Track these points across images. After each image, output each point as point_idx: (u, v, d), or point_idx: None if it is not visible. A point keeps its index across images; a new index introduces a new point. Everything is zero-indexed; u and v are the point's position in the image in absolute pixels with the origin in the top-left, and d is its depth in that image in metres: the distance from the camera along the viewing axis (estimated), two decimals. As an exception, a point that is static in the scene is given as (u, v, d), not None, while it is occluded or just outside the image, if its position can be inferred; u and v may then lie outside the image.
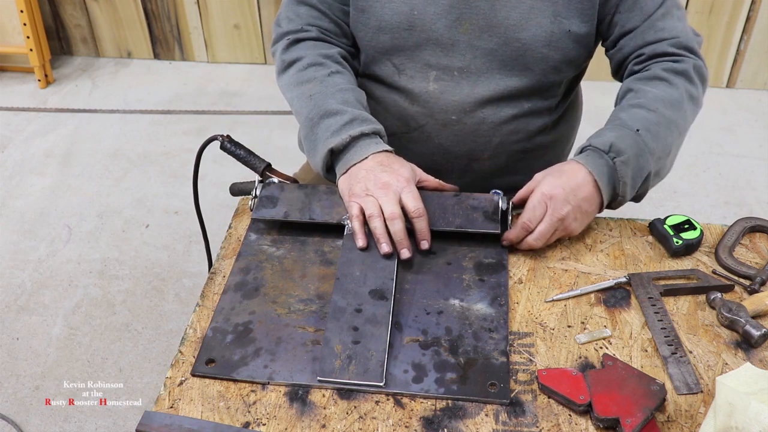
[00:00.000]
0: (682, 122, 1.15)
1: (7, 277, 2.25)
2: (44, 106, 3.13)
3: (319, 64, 1.21)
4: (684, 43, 1.19)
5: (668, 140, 1.12)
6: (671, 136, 1.12)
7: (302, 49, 1.24)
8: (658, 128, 1.10)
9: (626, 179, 1.07)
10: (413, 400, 0.88)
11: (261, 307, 1.00)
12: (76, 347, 2.02)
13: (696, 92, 1.18)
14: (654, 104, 1.13)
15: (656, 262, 1.09)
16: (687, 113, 1.16)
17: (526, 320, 0.99)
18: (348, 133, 1.10)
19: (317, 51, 1.24)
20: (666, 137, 1.11)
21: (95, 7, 3.30)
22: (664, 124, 1.11)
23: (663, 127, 1.11)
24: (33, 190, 2.63)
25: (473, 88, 1.22)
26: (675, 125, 1.13)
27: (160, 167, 2.75)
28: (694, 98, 1.17)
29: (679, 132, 1.15)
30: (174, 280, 2.24)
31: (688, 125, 1.17)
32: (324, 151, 1.11)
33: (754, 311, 0.98)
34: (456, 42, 1.19)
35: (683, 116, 1.15)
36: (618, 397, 0.85)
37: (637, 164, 1.08)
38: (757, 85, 3.14)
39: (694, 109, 1.18)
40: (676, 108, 1.14)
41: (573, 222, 1.08)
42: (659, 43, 1.19)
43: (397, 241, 1.05)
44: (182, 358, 0.94)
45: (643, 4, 1.18)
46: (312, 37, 1.26)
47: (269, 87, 3.24)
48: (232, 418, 0.87)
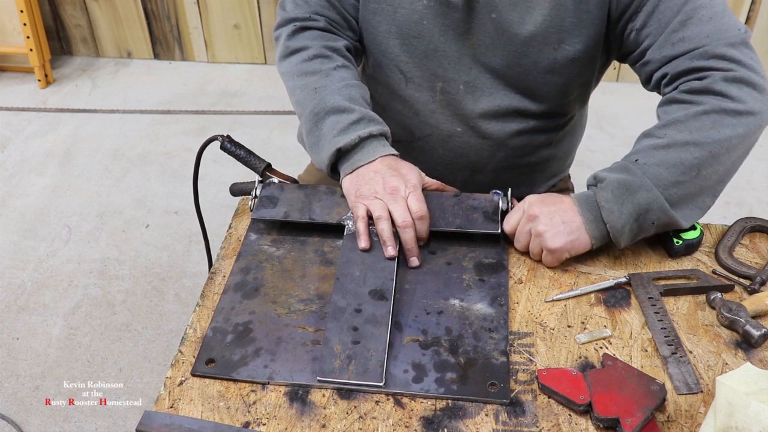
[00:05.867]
0: (706, 139, 1.01)
1: (7, 277, 2.25)
2: (44, 106, 3.13)
3: (326, 57, 1.19)
4: (711, 52, 1.04)
5: (685, 161, 1.01)
6: (688, 156, 1.01)
7: (308, 39, 1.21)
8: (663, 152, 1.02)
9: (603, 202, 1.01)
10: (413, 400, 0.88)
11: (261, 307, 1.00)
12: (76, 347, 2.02)
13: (730, 104, 1.02)
14: (663, 130, 1.04)
15: (656, 262, 1.09)
16: (714, 128, 1.02)
17: (526, 320, 0.99)
18: (357, 134, 1.09)
19: (323, 42, 1.21)
20: (679, 159, 1.01)
21: (95, 7, 3.30)
22: (675, 146, 1.01)
23: (672, 150, 1.01)
24: (33, 190, 2.63)
25: (478, 103, 1.21)
26: (693, 144, 1.01)
27: (160, 167, 2.75)
28: (727, 110, 1.02)
29: (705, 150, 1.01)
30: (174, 280, 2.24)
31: (722, 141, 1.01)
32: (331, 149, 1.10)
33: (754, 311, 0.98)
34: (462, 56, 1.18)
35: (705, 133, 1.01)
36: (618, 397, 0.85)
37: (624, 189, 1.01)
38: (757, 85, 3.14)
39: (728, 123, 1.02)
40: (692, 127, 1.02)
41: (545, 227, 1.03)
42: (680, 59, 1.06)
43: (408, 249, 1.05)
44: (182, 358, 0.94)
45: (660, 14, 1.07)
46: (319, 27, 1.23)
47: (269, 87, 3.24)
48: (232, 418, 0.87)
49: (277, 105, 3.11)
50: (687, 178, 1.01)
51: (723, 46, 1.04)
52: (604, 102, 3.06)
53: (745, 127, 1.02)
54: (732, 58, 1.04)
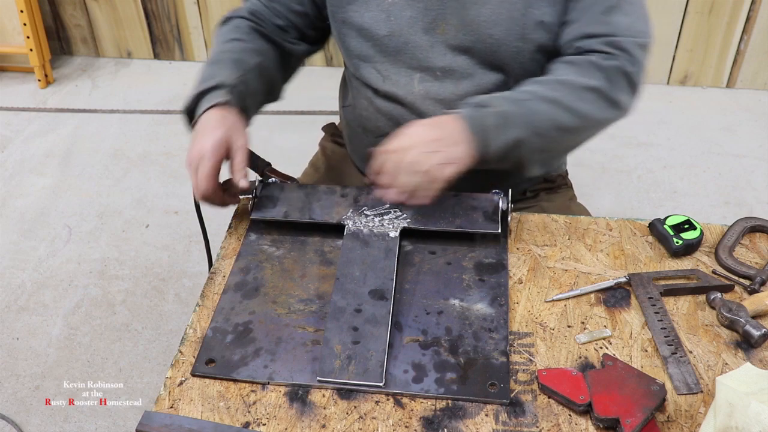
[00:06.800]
0: (582, 110, 1.09)
1: (7, 277, 2.25)
2: (44, 106, 3.13)
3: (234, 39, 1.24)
4: (621, 44, 1.11)
5: (560, 122, 1.08)
6: (565, 119, 1.08)
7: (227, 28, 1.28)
8: (547, 105, 1.07)
9: (489, 125, 1.05)
10: (413, 400, 0.88)
11: (261, 307, 1.00)
12: (76, 347, 2.02)
13: (614, 95, 1.11)
14: (557, 86, 1.10)
15: (656, 262, 1.09)
16: (591, 106, 1.10)
17: (526, 320, 0.99)
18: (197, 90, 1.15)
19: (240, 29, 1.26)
20: (556, 117, 1.08)
21: (95, 7, 3.30)
22: (560, 106, 1.08)
23: (556, 107, 1.08)
24: (33, 190, 2.63)
25: (457, 87, 1.22)
26: (573, 112, 1.08)
27: (160, 167, 2.74)
28: (608, 98, 1.10)
29: (578, 121, 1.09)
30: (174, 280, 2.24)
31: (593, 120, 1.11)
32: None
33: (754, 311, 0.98)
34: (434, 43, 1.19)
35: (584, 105, 1.09)
36: (618, 397, 0.85)
37: (503, 119, 1.06)
38: (757, 85, 3.14)
39: (606, 108, 1.11)
40: (578, 97, 1.09)
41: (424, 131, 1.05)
42: (593, 39, 1.13)
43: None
44: (182, 358, 0.94)
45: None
46: (242, 16, 1.28)
47: (269, 87, 3.24)
48: (232, 418, 0.87)
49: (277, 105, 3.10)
50: (554, 135, 1.10)
51: (632, 44, 1.12)
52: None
53: (612, 116, 1.13)
54: (634, 57, 1.12)
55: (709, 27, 3.00)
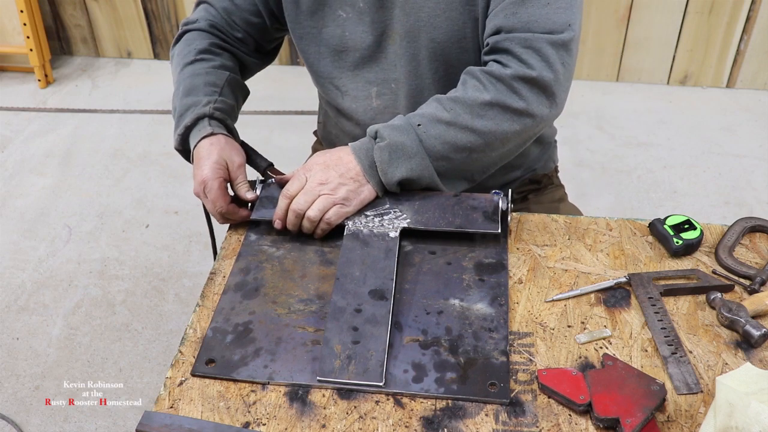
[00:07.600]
0: (480, 127, 1.07)
1: (7, 277, 2.25)
2: (44, 106, 3.13)
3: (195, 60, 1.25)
4: (530, 43, 1.05)
5: (459, 143, 1.07)
6: (464, 139, 1.07)
7: (184, 42, 1.28)
8: (443, 127, 1.07)
9: (378, 162, 1.07)
10: (413, 400, 0.88)
11: (261, 307, 1.00)
12: (76, 347, 2.02)
13: (514, 102, 1.06)
14: (452, 104, 1.08)
15: (656, 262, 1.09)
16: (490, 122, 1.07)
17: (526, 320, 0.99)
18: (183, 123, 1.16)
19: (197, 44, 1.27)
20: (455, 139, 1.07)
21: (95, 7, 3.30)
22: (455, 126, 1.07)
23: (452, 129, 1.07)
24: (33, 190, 2.63)
25: (412, 98, 1.22)
26: (471, 130, 1.07)
27: (160, 167, 2.75)
28: (510, 108, 1.07)
29: (480, 139, 1.08)
30: (174, 280, 2.24)
31: (497, 134, 1.08)
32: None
33: (754, 311, 0.98)
34: (387, 54, 1.20)
35: (481, 122, 1.07)
36: (618, 397, 0.85)
37: (401, 153, 1.07)
38: (757, 85, 3.14)
39: (510, 120, 1.08)
40: (475, 113, 1.07)
41: (318, 173, 1.08)
42: (502, 35, 1.07)
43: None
44: (182, 358, 0.94)
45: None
46: (200, 29, 1.28)
47: (269, 87, 3.24)
48: (232, 418, 0.87)
49: (277, 105, 3.11)
50: (458, 157, 1.09)
51: (543, 42, 1.05)
52: (604, 102, 3.06)
53: (521, 126, 1.08)
54: (544, 57, 1.05)
55: (709, 27, 3.00)
